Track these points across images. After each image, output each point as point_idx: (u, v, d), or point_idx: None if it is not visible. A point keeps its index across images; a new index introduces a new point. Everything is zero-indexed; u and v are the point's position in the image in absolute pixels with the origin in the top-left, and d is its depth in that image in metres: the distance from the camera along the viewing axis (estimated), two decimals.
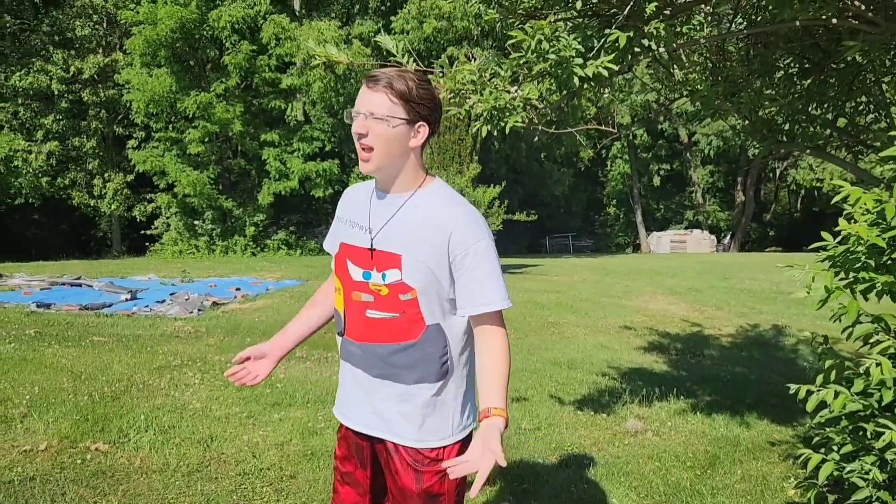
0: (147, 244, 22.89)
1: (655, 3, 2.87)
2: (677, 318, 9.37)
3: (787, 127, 4.08)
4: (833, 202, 2.59)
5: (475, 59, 3.07)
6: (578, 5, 2.77)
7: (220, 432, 4.19)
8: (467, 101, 2.94)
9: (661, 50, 3.03)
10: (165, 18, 18.45)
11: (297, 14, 20.88)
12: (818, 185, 31.93)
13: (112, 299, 9.69)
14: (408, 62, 2.96)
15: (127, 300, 9.72)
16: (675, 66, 4.13)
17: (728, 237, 40.46)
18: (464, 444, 1.83)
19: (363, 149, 1.71)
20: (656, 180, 41.65)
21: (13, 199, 21.88)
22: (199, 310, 9.08)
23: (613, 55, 2.91)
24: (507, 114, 2.92)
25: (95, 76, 22.08)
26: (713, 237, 37.91)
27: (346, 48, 18.33)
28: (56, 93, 22.03)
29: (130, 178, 22.99)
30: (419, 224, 1.71)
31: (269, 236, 22.24)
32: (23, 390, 4.79)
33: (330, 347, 6.90)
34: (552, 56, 2.88)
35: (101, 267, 14.93)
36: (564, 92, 3.08)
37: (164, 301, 9.73)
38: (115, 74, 21.51)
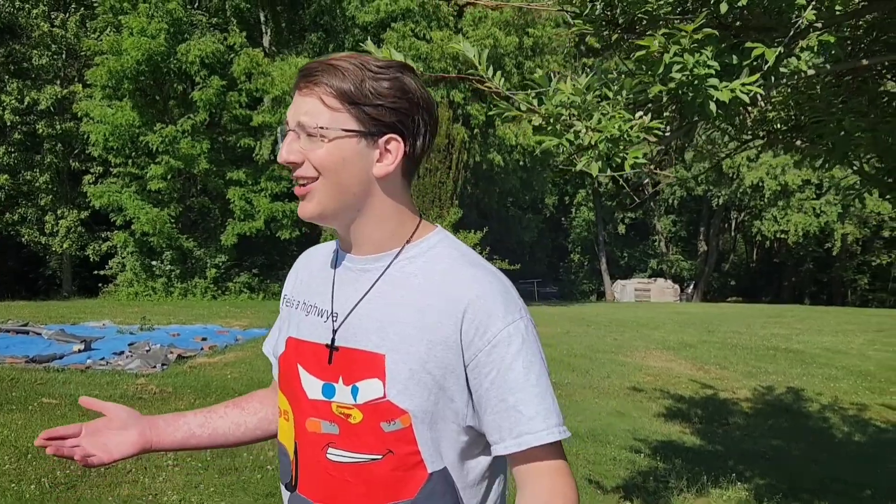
0: (100, 285, 21.58)
1: (814, 11, 2.25)
2: (685, 379, 8.74)
3: None
4: None
5: (568, 78, 2.40)
6: (723, 8, 2.12)
7: None
8: (570, 129, 2.26)
9: (811, 71, 2.40)
10: (131, 49, 17.60)
11: (267, 51, 20.27)
12: (783, 236, 32.13)
13: (63, 350, 8.67)
14: (495, 79, 2.27)
15: (80, 351, 8.70)
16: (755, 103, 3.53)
17: (691, 286, 40.54)
18: None
19: (299, 183, 1.09)
20: (621, 228, 41.75)
21: None
22: (162, 364, 8.13)
23: (757, 76, 2.26)
24: (624, 146, 2.24)
25: (52, 108, 21.00)
26: (676, 286, 37.87)
27: None
28: (9, 124, 20.85)
29: (85, 214, 21.76)
30: (411, 302, 1.08)
31: (230, 279, 21.17)
32: None
33: None
34: (677, 75, 2.22)
35: (50, 310, 13.77)
36: (686, 122, 2.43)
37: (122, 352, 8.75)
38: (73, 106, 20.49)
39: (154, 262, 20.60)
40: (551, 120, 2.25)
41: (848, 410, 7.30)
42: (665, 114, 2.43)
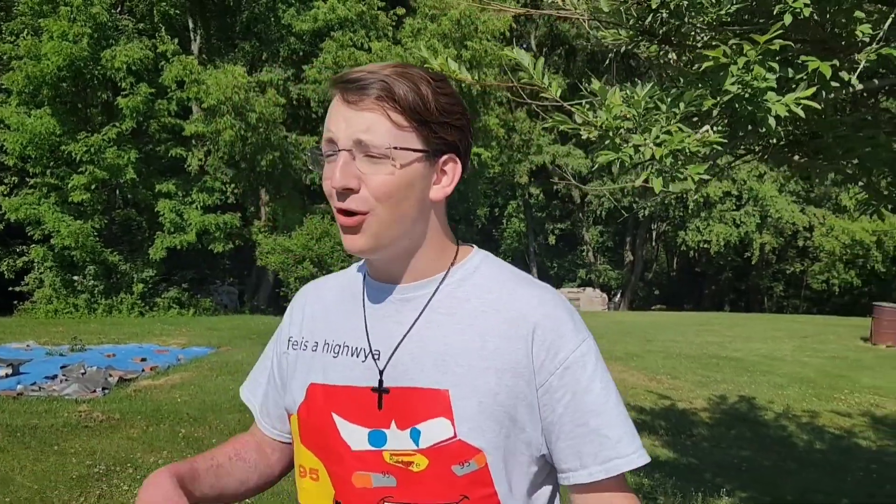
0: (15, 302, 20.29)
1: (869, 25, 2.22)
2: (641, 390, 8.81)
3: None
4: None
5: (616, 90, 2.29)
6: (787, 19, 2.06)
7: None
8: (627, 143, 2.14)
9: (860, 86, 2.37)
10: (51, 54, 16.64)
11: (198, 60, 19.60)
12: (706, 246, 33.30)
13: None
14: (552, 88, 2.14)
15: (8, 376, 8.08)
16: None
17: (618, 295, 41.50)
18: None
19: (346, 213, 0.97)
20: (551, 239, 42.40)
21: None
22: (103, 388, 7.63)
23: (813, 90, 2.21)
24: (683, 161, 2.15)
25: None
26: (604, 295, 38.65)
27: (260, 96, 17.22)
28: None
29: None
30: (469, 328, 0.99)
31: (159, 294, 20.27)
32: None
33: None
34: (732, 87, 2.15)
35: None
36: (739, 136, 2.36)
37: (55, 376, 8.18)
38: None
39: (76, 278, 19.54)
40: (610, 133, 2.13)
41: (801, 418, 7.49)
42: (717, 128, 2.35)
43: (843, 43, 2.30)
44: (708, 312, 29.25)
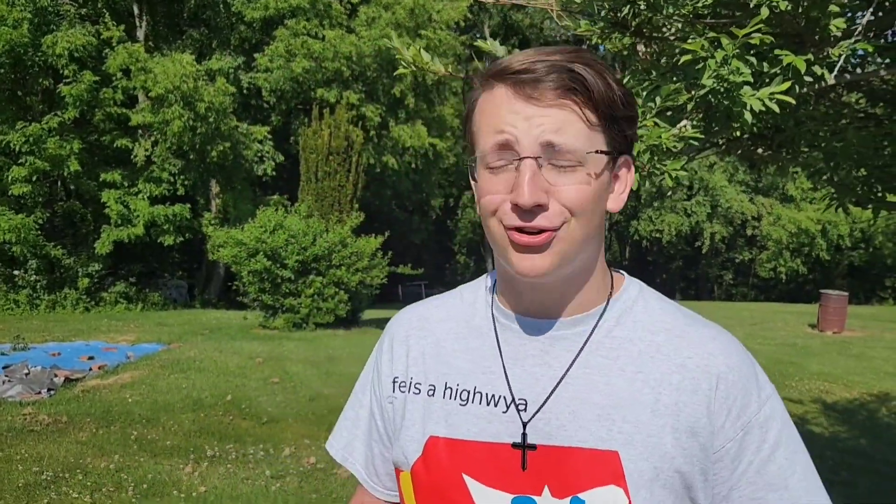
0: None
1: (843, 19, 2.20)
2: None
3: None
4: None
5: None
6: (764, 13, 2.03)
7: None
8: None
9: (832, 80, 2.35)
10: None
11: (144, 47, 19.02)
12: (658, 235, 33.87)
13: None
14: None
15: None
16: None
17: None
18: None
19: (531, 236, 0.78)
20: None
21: None
22: (48, 389, 7.33)
23: (788, 84, 2.19)
24: (659, 157, 2.10)
25: None
26: None
27: (209, 84, 16.76)
28: None
29: None
30: (638, 377, 0.82)
31: (105, 288, 19.70)
32: None
33: (239, 437, 5.62)
34: (708, 82, 2.12)
35: None
36: (715, 129, 2.32)
37: None
38: None
39: (16, 273, 18.85)
40: None
41: None
42: (693, 122, 2.31)
43: (816, 37, 2.28)
44: None
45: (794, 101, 2.23)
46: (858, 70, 2.66)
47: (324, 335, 12.06)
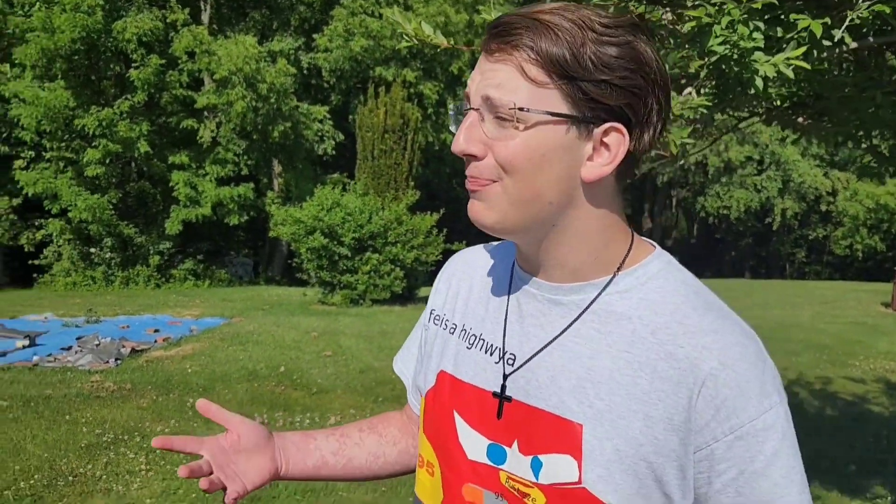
0: (35, 275, 20.58)
1: None
2: None
3: None
4: None
5: None
6: None
7: None
8: None
9: (854, 45, 2.28)
10: (65, 26, 16.65)
11: (208, 30, 19.52)
12: (726, 212, 32.93)
13: (6, 346, 8.17)
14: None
15: (24, 347, 8.21)
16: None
17: None
18: None
19: (472, 180, 0.80)
20: None
21: None
22: (115, 359, 7.73)
23: (804, 49, 2.13)
24: (670, 125, 2.08)
25: None
26: None
27: (271, 65, 17.10)
28: None
29: (17, 202, 20.66)
30: (622, 356, 0.80)
31: (175, 266, 20.48)
32: None
33: (288, 406, 5.82)
34: (719, 48, 2.08)
35: None
36: (725, 99, 2.28)
37: (70, 347, 8.30)
38: None
39: (93, 250, 19.78)
40: None
41: (814, 385, 7.42)
42: (703, 90, 2.27)
43: (835, 0, 2.21)
44: (727, 279, 29.08)
45: (809, 66, 2.17)
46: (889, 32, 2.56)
47: (380, 311, 12.27)
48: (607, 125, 0.77)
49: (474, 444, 0.87)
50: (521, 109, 0.75)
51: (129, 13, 17.80)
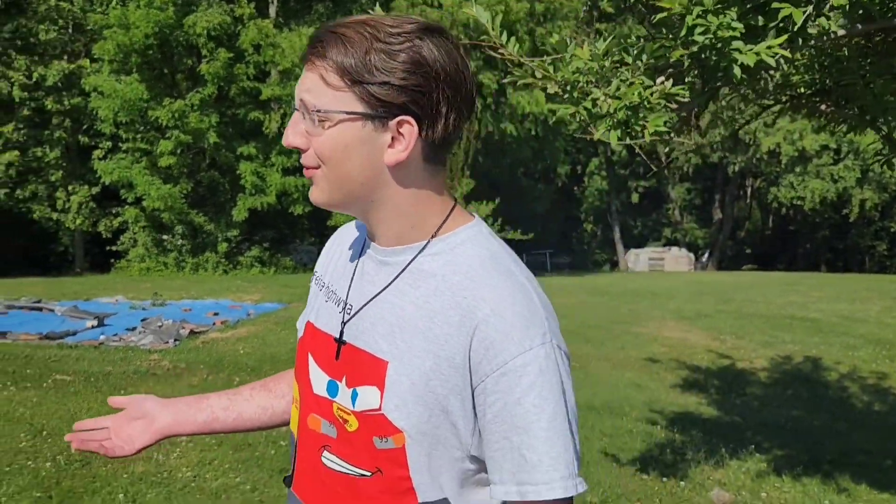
0: (112, 261, 21.65)
1: None
2: (700, 349, 8.66)
3: None
4: None
5: (585, 44, 2.28)
6: None
7: None
8: (587, 97, 2.14)
9: (841, 32, 2.27)
10: (140, 22, 17.42)
11: (274, 23, 20.01)
12: (800, 202, 31.74)
13: (76, 326, 8.70)
14: (509, 45, 2.16)
15: (93, 327, 8.74)
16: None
17: (706, 255, 40.23)
18: None
19: (304, 168, 0.98)
20: (634, 197, 41.39)
21: None
22: (175, 339, 8.14)
23: (784, 38, 2.14)
24: (644, 114, 2.13)
25: (60, 83, 20.88)
26: (691, 255, 37.55)
27: None
28: (17, 100, 20.77)
29: (96, 190, 21.75)
30: (424, 306, 0.94)
31: (241, 253, 21.19)
32: None
33: None
34: (699, 38, 2.10)
35: (63, 286, 13.83)
36: (709, 88, 2.31)
37: (135, 328, 8.77)
38: (80, 81, 20.35)
39: (165, 237, 20.63)
40: (568, 87, 2.14)
41: (867, 379, 7.20)
42: (686, 79, 2.30)
43: None
44: (800, 273, 28.10)
45: (790, 55, 2.18)
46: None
47: None
48: (399, 118, 0.91)
49: (319, 381, 1.03)
50: (324, 111, 0.91)
51: (199, 8, 18.43)
